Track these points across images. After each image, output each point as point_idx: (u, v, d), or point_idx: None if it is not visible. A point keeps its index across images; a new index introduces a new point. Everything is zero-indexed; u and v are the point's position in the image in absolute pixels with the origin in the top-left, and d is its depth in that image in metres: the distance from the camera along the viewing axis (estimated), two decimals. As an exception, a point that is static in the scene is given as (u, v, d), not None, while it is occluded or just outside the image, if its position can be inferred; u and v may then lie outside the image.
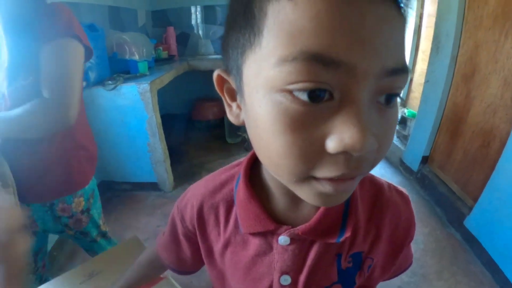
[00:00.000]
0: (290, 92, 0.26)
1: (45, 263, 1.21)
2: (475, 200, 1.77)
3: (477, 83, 1.82)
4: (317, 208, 0.41)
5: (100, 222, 1.19)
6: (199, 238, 0.52)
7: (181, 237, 0.56)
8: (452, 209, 1.99)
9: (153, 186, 2.40)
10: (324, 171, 0.28)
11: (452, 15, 1.96)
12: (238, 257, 0.48)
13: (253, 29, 0.28)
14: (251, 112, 0.31)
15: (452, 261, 1.74)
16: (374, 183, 0.47)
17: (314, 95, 0.25)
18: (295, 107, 0.26)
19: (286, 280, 0.44)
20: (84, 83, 1.91)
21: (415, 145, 2.47)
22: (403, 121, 2.79)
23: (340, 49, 0.24)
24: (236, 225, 0.47)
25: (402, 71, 0.27)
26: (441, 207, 2.12)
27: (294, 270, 0.44)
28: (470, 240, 1.79)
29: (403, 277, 1.64)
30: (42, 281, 1.20)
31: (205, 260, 0.54)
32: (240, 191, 0.45)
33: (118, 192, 2.41)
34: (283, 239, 0.42)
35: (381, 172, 2.66)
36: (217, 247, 0.50)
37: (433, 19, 2.20)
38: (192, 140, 3.32)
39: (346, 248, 0.44)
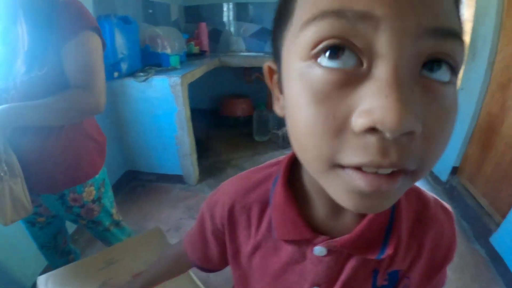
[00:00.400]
0: (315, 59, 0.24)
1: (65, 239, 1.28)
2: (503, 216, 1.69)
3: (514, 93, 1.74)
4: (360, 219, 0.38)
5: (113, 211, 1.21)
6: (227, 237, 0.49)
7: (209, 235, 0.53)
8: (478, 224, 1.91)
9: (178, 179, 2.45)
10: (350, 156, 0.23)
11: (489, 21, 1.88)
12: (268, 263, 0.45)
13: (288, 10, 0.28)
14: (287, 95, 0.29)
15: (474, 278, 1.67)
16: (421, 198, 0.44)
17: (340, 60, 0.23)
18: (318, 75, 0.23)
19: None
20: (116, 74, 1.99)
21: (446, 154, 2.32)
22: None
23: (364, 2, 0.21)
24: (269, 229, 0.44)
25: (449, 33, 0.22)
26: (468, 221, 2.04)
27: (326, 283, 0.41)
28: (495, 258, 1.71)
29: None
30: (64, 254, 1.29)
31: (230, 261, 0.51)
32: (277, 193, 0.42)
33: (143, 182, 2.47)
34: (319, 249, 0.39)
35: None
36: (246, 249, 0.47)
37: (470, 24, 2.11)
38: (219, 135, 3.34)
39: (385, 265, 0.41)
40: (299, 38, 0.25)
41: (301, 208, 0.40)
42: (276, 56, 0.32)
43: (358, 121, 0.22)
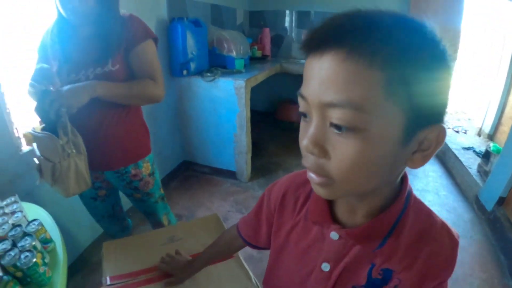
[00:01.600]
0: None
1: (121, 207, 1.49)
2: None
3: None
4: (369, 219, 0.49)
5: (161, 185, 1.41)
6: (275, 216, 0.65)
7: (263, 217, 0.70)
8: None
9: (231, 174, 2.58)
10: (303, 159, 0.43)
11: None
12: (300, 238, 0.59)
13: None
14: None
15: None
16: (429, 217, 0.53)
17: (304, 115, 0.42)
18: (302, 121, 0.43)
19: (326, 267, 0.54)
20: (185, 72, 2.16)
21: (494, 183, 2.25)
22: (487, 155, 2.52)
23: (303, 89, 0.40)
24: (306, 215, 0.59)
25: (335, 105, 0.36)
26: (506, 255, 1.93)
27: (334, 261, 0.53)
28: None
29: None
30: (120, 220, 1.51)
31: (273, 234, 0.66)
32: None
33: (198, 174, 2.64)
34: (333, 234, 0.53)
35: (453, 205, 2.47)
36: (287, 225, 0.62)
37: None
38: (273, 138, 3.44)
39: (380, 261, 0.50)
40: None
41: (330, 203, 0.54)
42: None
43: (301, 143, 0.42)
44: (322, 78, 0.37)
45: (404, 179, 0.49)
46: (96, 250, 1.74)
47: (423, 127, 0.39)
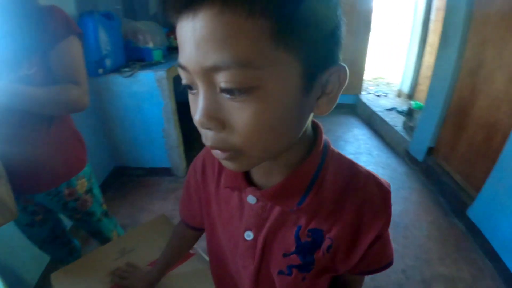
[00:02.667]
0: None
1: (63, 229, 1.31)
2: (478, 190, 1.85)
3: (483, 78, 1.88)
4: (283, 178, 0.46)
5: (102, 200, 1.28)
6: (201, 189, 0.61)
7: (192, 192, 0.65)
8: (455, 199, 2.08)
9: (167, 172, 2.48)
10: (202, 138, 0.39)
11: (460, 11, 2.01)
12: (223, 212, 0.56)
13: None
14: None
15: (454, 248, 1.83)
16: (352, 169, 0.49)
17: (189, 88, 0.37)
18: (189, 94, 0.38)
19: (249, 235, 0.51)
20: (101, 71, 1.98)
21: (421, 136, 2.54)
22: (410, 112, 2.85)
23: (180, 58, 0.35)
24: (223, 182, 0.55)
25: (219, 68, 0.31)
26: (445, 197, 2.20)
27: (256, 227, 0.50)
28: (472, 230, 1.87)
29: (407, 260, 1.74)
30: (65, 243, 1.33)
31: (203, 211, 0.62)
32: None
33: (132, 178, 2.49)
34: (250, 198, 0.49)
35: (387, 162, 2.73)
36: (212, 200, 0.58)
37: (442, 13, 2.23)
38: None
39: (305, 221, 0.47)
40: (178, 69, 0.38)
41: None
42: None
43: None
44: (197, 40, 0.31)
45: (317, 130, 0.47)
46: (48, 283, 1.55)
47: (322, 70, 0.36)
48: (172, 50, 2.67)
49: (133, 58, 2.24)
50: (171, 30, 2.98)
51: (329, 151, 0.48)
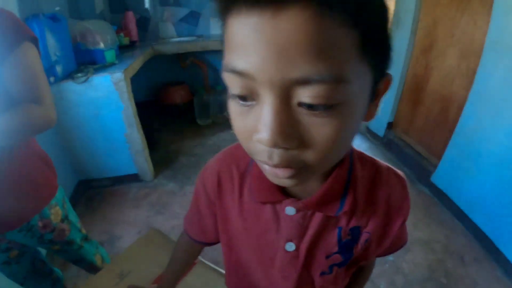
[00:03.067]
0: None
1: (43, 261, 1.20)
2: (439, 158, 2.02)
3: (435, 55, 2.04)
4: (321, 184, 0.45)
5: (80, 225, 1.18)
6: (217, 204, 0.57)
7: (204, 208, 0.61)
8: (419, 168, 2.25)
9: (134, 178, 2.36)
10: (257, 155, 0.34)
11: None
12: (251, 225, 0.53)
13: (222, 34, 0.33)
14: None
15: (425, 213, 1.99)
16: (375, 165, 0.51)
17: (244, 102, 0.32)
18: (236, 104, 0.33)
19: (291, 246, 0.50)
20: (52, 79, 1.79)
21: (380, 113, 2.67)
22: None
23: (238, 62, 0.29)
24: (249, 195, 0.51)
25: (308, 81, 0.27)
26: (409, 167, 2.38)
27: (297, 237, 0.49)
28: (439, 194, 2.06)
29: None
30: (46, 275, 1.21)
31: (219, 226, 0.59)
32: (255, 164, 0.47)
33: (99, 190, 2.32)
34: (289, 209, 0.47)
35: None
36: (233, 214, 0.55)
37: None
38: (163, 126, 3.27)
39: (345, 222, 0.48)
40: (223, 73, 0.32)
41: None
42: None
43: (254, 136, 0.32)
44: (282, 45, 0.26)
45: None
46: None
47: (382, 79, 0.35)
48: (122, 49, 2.51)
49: (85, 61, 2.06)
50: (120, 28, 2.79)
51: (354, 150, 0.50)
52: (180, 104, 3.37)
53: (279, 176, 0.35)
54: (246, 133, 0.33)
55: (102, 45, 2.11)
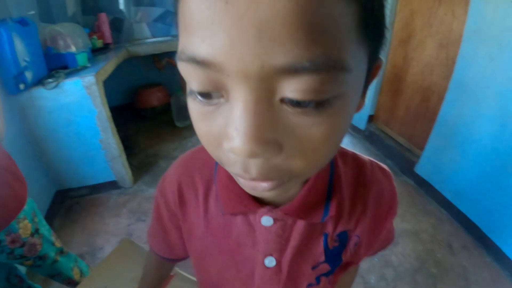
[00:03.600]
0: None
1: (20, 277, 1.14)
2: (422, 149, 2.03)
3: (414, 46, 2.04)
4: (301, 187, 0.39)
5: (53, 239, 1.12)
6: (180, 218, 0.49)
7: (167, 221, 0.53)
8: (402, 160, 2.26)
9: (113, 185, 2.28)
10: (228, 166, 0.28)
11: (388, -16, 2.14)
12: (221, 241, 0.46)
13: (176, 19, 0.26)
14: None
15: (410, 204, 2.00)
16: (358, 162, 0.46)
17: (208, 100, 0.25)
18: (197, 103, 0.26)
19: (271, 261, 0.43)
20: (22, 86, 1.70)
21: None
22: None
23: (199, 46, 0.21)
24: (217, 207, 0.44)
25: (297, 70, 0.20)
26: (392, 159, 2.38)
27: (278, 251, 0.43)
28: (423, 184, 2.06)
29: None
30: None
31: (186, 242, 0.52)
32: (221, 170, 0.42)
33: (78, 199, 2.23)
34: (266, 219, 0.41)
35: None
36: (198, 229, 0.48)
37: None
38: (140, 130, 3.18)
39: (332, 227, 0.43)
40: (179, 66, 0.25)
41: None
42: None
43: (223, 144, 0.25)
44: (261, 20, 0.19)
45: None
46: None
47: (374, 64, 0.29)
48: (96, 52, 2.43)
49: (56, 66, 1.96)
50: (92, 30, 2.70)
51: None
52: (157, 106, 3.31)
53: (257, 189, 0.28)
54: (213, 140, 0.26)
55: (73, 49, 2.02)
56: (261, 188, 0.28)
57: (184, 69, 0.24)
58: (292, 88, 0.21)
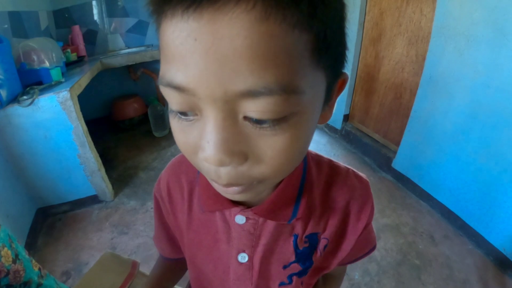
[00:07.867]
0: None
1: None
2: (397, 144, 2.09)
3: (384, 45, 2.10)
4: (272, 191, 0.43)
5: (32, 262, 1.08)
6: (171, 216, 0.55)
7: (166, 221, 0.58)
8: (379, 156, 2.31)
9: (94, 199, 2.25)
10: (205, 173, 0.33)
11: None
12: (201, 237, 0.51)
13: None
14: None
15: (390, 199, 2.05)
16: (332, 166, 0.49)
17: (185, 117, 0.30)
18: (175, 118, 0.31)
19: (244, 257, 0.48)
20: (-3, 105, 1.68)
21: (336, 106, 2.73)
22: None
23: (176, 76, 0.26)
24: (199, 205, 0.50)
25: (254, 94, 0.24)
26: (369, 156, 2.44)
27: (249, 248, 0.47)
28: (401, 179, 2.12)
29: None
30: None
31: (178, 238, 0.57)
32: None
33: (59, 216, 2.19)
34: (239, 218, 0.45)
35: None
36: (184, 227, 0.53)
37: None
38: (118, 142, 3.14)
39: (301, 229, 0.46)
40: (161, 89, 0.29)
41: None
42: None
43: (198, 155, 0.30)
44: (223, 54, 0.23)
45: None
46: None
47: (337, 80, 0.33)
48: (70, 66, 2.40)
49: (31, 82, 1.93)
50: (66, 43, 2.66)
51: (309, 154, 0.48)
52: (135, 117, 3.28)
53: (229, 192, 0.34)
54: (190, 149, 0.31)
55: (47, 64, 2.00)
56: (232, 191, 0.33)
57: (165, 92, 0.28)
58: (251, 109, 0.26)
